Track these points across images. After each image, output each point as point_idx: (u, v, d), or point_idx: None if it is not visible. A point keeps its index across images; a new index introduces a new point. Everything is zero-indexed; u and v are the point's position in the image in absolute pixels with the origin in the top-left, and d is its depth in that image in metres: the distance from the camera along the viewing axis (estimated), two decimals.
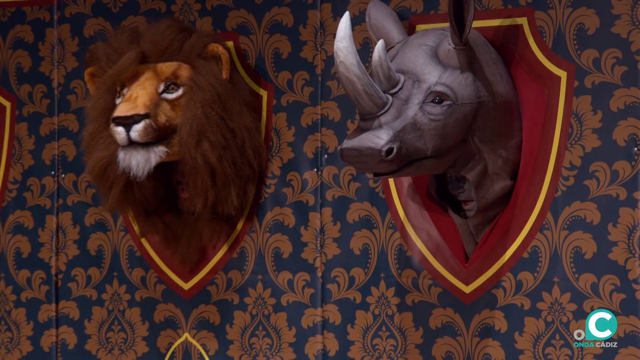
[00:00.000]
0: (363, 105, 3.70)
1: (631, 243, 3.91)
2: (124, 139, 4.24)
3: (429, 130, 3.78)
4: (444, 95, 3.78)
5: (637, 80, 3.92)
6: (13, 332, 4.92)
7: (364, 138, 3.71)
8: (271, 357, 4.50)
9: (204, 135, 4.30)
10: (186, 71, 4.36)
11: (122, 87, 4.37)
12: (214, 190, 4.37)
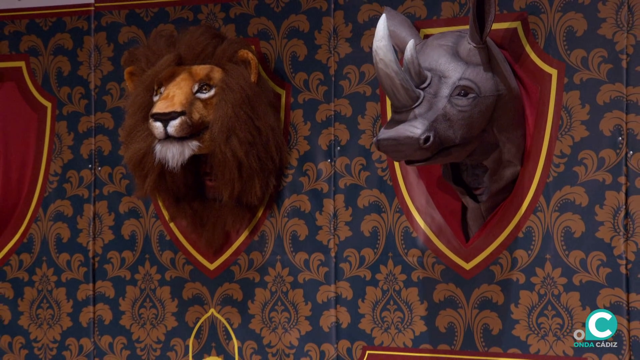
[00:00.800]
0: (399, 99, 3.68)
1: (616, 223, 3.91)
2: (161, 133, 4.23)
3: (458, 121, 3.77)
4: (468, 89, 3.78)
5: (622, 77, 3.93)
6: (54, 310, 4.90)
7: (402, 128, 3.68)
8: (289, 330, 4.48)
9: (233, 132, 4.29)
10: (218, 73, 4.35)
11: (159, 86, 4.36)
12: (240, 182, 4.36)
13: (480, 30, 3.77)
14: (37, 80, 4.99)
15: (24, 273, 4.97)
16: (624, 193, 3.91)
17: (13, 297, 4.98)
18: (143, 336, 4.74)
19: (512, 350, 4.08)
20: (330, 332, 4.40)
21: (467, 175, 4.09)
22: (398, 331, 4.29)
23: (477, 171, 4.04)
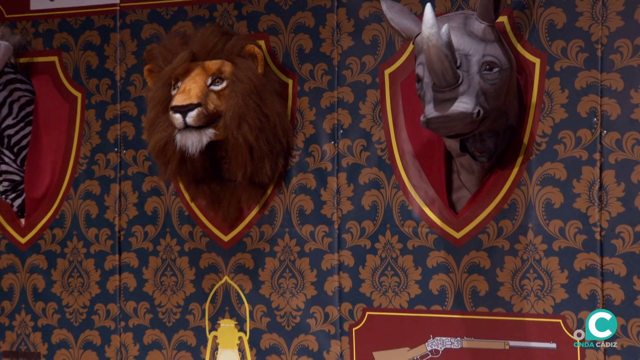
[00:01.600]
0: (447, 79, 3.61)
1: (591, 194, 3.93)
2: (181, 124, 4.24)
3: (490, 93, 3.74)
4: (493, 64, 3.75)
5: (597, 64, 3.95)
6: (84, 278, 4.89)
7: (454, 106, 3.63)
8: (296, 294, 4.48)
9: (244, 120, 4.28)
10: (228, 67, 4.35)
11: (176, 81, 4.36)
12: (252, 164, 4.36)
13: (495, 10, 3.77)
14: (69, 73, 4.98)
15: (57, 246, 4.96)
16: (599, 168, 3.93)
17: (47, 268, 4.97)
18: (164, 301, 4.73)
19: (497, 310, 4.09)
20: (334, 296, 4.39)
21: (473, 141, 4.02)
22: (395, 294, 4.29)
23: (484, 137, 3.99)
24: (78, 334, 4.88)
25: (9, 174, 4.97)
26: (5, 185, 4.98)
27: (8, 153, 4.94)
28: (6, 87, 4.88)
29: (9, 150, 4.94)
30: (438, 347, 4.20)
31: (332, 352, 4.39)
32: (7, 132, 4.91)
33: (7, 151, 4.94)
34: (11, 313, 5.04)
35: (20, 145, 4.96)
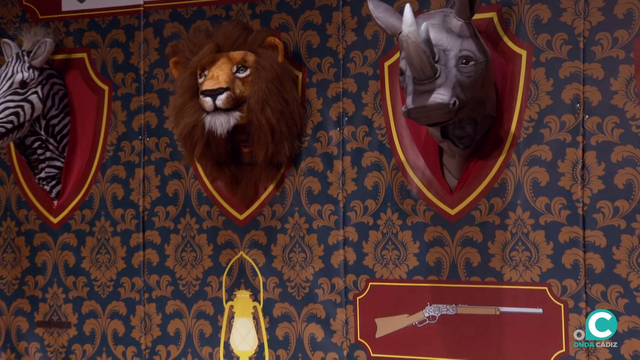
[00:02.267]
0: (426, 73, 3.60)
1: (575, 173, 3.94)
2: (211, 106, 4.24)
3: (466, 85, 3.74)
4: (469, 58, 3.74)
5: (579, 55, 3.96)
6: (111, 255, 4.90)
7: (432, 97, 3.63)
8: (305, 267, 4.49)
9: (267, 103, 4.29)
10: (251, 57, 4.35)
11: (202, 70, 4.36)
12: (273, 144, 4.36)
13: (470, 8, 3.77)
14: (97, 68, 4.99)
15: (86, 225, 4.97)
16: (581, 149, 3.94)
17: (77, 245, 4.98)
18: (185, 275, 4.74)
19: (488, 279, 4.10)
20: (340, 268, 4.40)
21: (453, 128, 4.01)
22: (395, 266, 4.30)
23: (463, 124, 3.98)
24: (105, 305, 4.89)
25: (53, 160, 4.97)
26: (48, 172, 4.98)
27: (52, 141, 4.94)
28: (48, 82, 4.90)
29: (53, 138, 4.94)
30: (435, 313, 4.20)
31: (338, 319, 4.39)
32: (52, 121, 4.92)
33: (52, 139, 4.93)
34: (44, 286, 5.04)
35: (62, 134, 4.97)
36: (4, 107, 4.69)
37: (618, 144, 3.88)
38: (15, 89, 4.75)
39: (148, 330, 4.78)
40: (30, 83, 4.78)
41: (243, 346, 4.61)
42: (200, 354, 4.66)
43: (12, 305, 5.09)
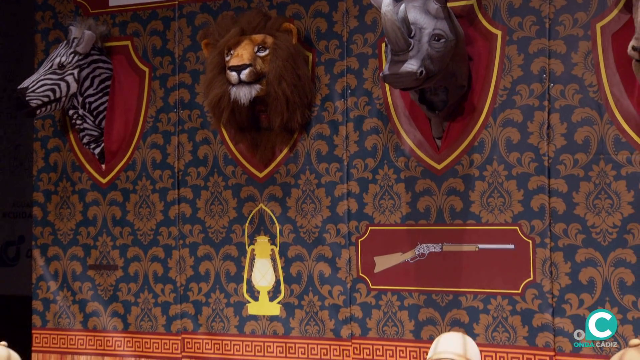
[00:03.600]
0: (400, 45, 3.64)
1: (542, 132, 3.96)
2: (236, 79, 4.24)
3: (436, 58, 3.74)
4: (440, 36, 3.76)
5: (545, 34, 3.97)
6: (151, 208, 4.87)
7: (403, 66, 3.66)
8: (315, 215, 4.47)
9: (283, 78, 4.29)
10: (270, 39, 4.35)
11: (229, 50, 4.35)
12: (287, 112, 4.35)
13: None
14: (139, 53, 4.97)
15: (130, 184, 4.96)
16: (547, 112, 3.95)
17: (122, 201, 4.97)
18: (213, 224, 4.73)
19: (469, 221, 4.11)
20: (344, 216, 4.40)
21: (429, 95, 4.02)
22: (391, 213, 4.30)
23: (437, 91, 3.99)
24: (147, 250, 4.88)
25: (89, 131, 4.96)
26: (87, 139, 4.98)
27: (89, 115, 4.92)
28: (90, 66, 4.88)
29: (89, 113, 4.92)
30: (424, 251, 4.21)
31: (343, 258, 4.39)
32: (88, 99, 4.89)
33: (88, 114, 4.92)
34: (95, 236, 5.04)
35: (98, 110, 4.94)
36: (42, 83, 4.74)
37: (578, 106, 3.90)
38: (54, 69, 4.77)
39: (182, 271, 4.77)
40: (67, 66, 4.79)
41: (262, 282, 4.61)
42: (227, 290, 4.66)
43: (67, 252, 5.07)
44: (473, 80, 4.09)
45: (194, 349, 4.70)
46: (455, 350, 3.02)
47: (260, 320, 4.57)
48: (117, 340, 4.89)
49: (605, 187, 3.84)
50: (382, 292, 4.30)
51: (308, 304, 4.47)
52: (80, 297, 5.00)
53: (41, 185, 5.21)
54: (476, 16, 4.10)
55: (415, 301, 4.22)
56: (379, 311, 4.29)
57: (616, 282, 3.77)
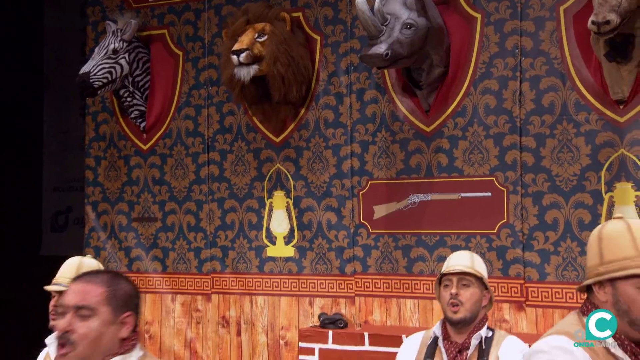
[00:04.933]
0: (371, 31, 3.70)
1: (514, 98, 4.00)
2: (236, 61, 4.25)
3: (406, 43, 3.75)
4: (411, 25, 3.77)
5: (518, 16, 4.00)
6: (185, 169, 4.87)
7: (373, 49, 3.71)
8: (323, 173, 4.47)
9: (277, 59, 4.27)
10: (269, 27, 4.34)
11: (237, 36, 4.36)
12: (284, 88, 4.33)
13: None
14: (174, 40, 4.98)
15: (167, 150, 4.96)
16: (519, 81, 3.98)
17: (160, 164, 4.96)
18: (237, 182, 4.73)
19: (454, 174, 4.14)
20: (348, 172, 4.41)
21: (415, 74, 4.06)
22: (387, 169, 4.31)
23: (419, 71, 4.02)
24: (181, 205, 4.86)
25: (138, 106, 4.97)
26: (136, 113, 5.00)
27: (137, 92, 4.94)
28: (135, 51, 4.90)
29: (138, 90, 4.94)
30: (415, 200, 4.22)
31: (347, 208, 4.40)
32: (137, 79, 4.92)
33: (137, 91, 4.94)
34: (138, 193, 5.01)
35: (144, 87, 4.96)
36: (100, 67, 4.75)
37: (544, 76, 3.93)
38: (109, 55, 4.78)
39: (212, 221, 4.79)
40: (120, 51, 4.80)
41: (279, 229, 4.62)
42: (249, 236, 4.68)
43: (115, 207, 5.09)
44: (456, 56, 4.10)
45: (221, 286, 4.72)
46: (465, 263, 3.04)
47: (277, 261, 4.60)
48: (157, 280, 4.92)
49: (567, 143, 3.88)
50: (380, 235, 4.32)
51: (317, 247, 4.49)
52: (126, 244, 5.02)
53: (92, 152, 5.22)
54: (459, 3, 4.12)
55: (408, 242, 4.24)
56: (378, 251, 4.32)
57: (576, 221, 3.84)
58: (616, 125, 3.77)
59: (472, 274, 2.99)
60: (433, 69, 4.04)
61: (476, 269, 3.00)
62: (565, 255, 3.86)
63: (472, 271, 2.99)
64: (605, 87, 3.75)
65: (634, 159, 3.74)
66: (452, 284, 2.99)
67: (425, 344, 2.99)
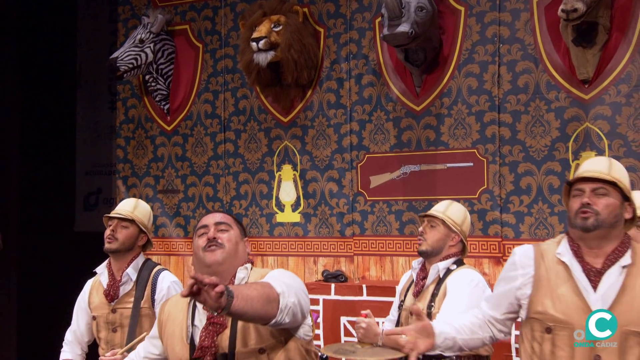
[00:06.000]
0: (396, 13, 3.71)
1: (494, 79, 4.06)
2: (255, 48, 4.31)
3: (420, 24, 3.80)
4: (423, 7, 3.83)
5: (496, 8, 4.06)
6: (203, 147, 4.94)
7: (399, 28, 3.71)
8: (325, 148, 4.53)
9: (291, 46, 4.34)
10: (283, 18, 4.40)
11: (255, 27, 4.41)
12: (296, 71, 4.39)
13: None
14: (195, 34, 5.04)
15: (188, 130, 5.02)
16: (497, 65, 4.05)
17: (182, 142, 5.04)
18: (250, 157, 4.79)
19: (440, 148, 4.20)
20: (348, 147, 4.47)
21: (412, 54, 4.07)
22: (382, 144, 4.37)
23: (418, 51, 4.05)
24: (201, 178, 4.92)
25: (161, 91, 5.05)
26: (159, 97, 5.07)
27: (161, 78, 5.02)
28: (161, 42, 4.97)
29: (161, 77, 5.02)
30: (407, 170, 4.29)
31: (347, 179, 4.47)
32: (160, 66, 5.00)
33: (160, 77, 5.02)
34: (163, 169, 5.12)
35: (167, 75, 5.04)
36: (127, 54, 4.85)
37: (520, 60, 4.00)
38: (136, 44, 4.88)
39: (227, 192, 4.85)
40: (146, 41, 4.89)
41: (287, 198, 4.68)
42: (260, 204, 4.75)
43: (142, 181, 5.16)
44: (443, 44, 4.18)
45: None
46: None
47: (286, 226, 4.66)
48: (179, 244, 5.00)
49: (539, 118, 3.95)
50: (375, 202, 4.39)
51: (321, 213, 4.56)
52: (153, 213, 5.03)
53: (122, 133, 5.30)
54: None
55: (400, 207, 4.31)
56: (373, 215, 4.39)
57: (547, 186, 3.93)
58: (582, 102, 3.85)
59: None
60: (431, 49, 4.10)
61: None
62: (537, 216, 3.94)
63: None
64: (573, 69, 3.83)
65: (597, 131, 3.83)
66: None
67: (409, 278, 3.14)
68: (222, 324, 2.15)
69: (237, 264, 2.26)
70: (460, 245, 3.06)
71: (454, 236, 3.04)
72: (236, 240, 2.27)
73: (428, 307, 2.89)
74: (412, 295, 3.02)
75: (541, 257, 2.22)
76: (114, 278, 3.18)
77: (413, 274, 3.09)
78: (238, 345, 2.12)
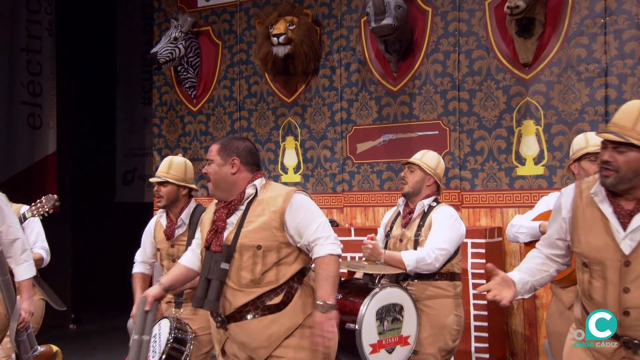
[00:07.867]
0: (382, 9, 3.82)
1: (454, 65, 4.17)
2: (276, 42, 4.44)
3: (399, 19, 3.91)
4: (400, 5, 3.96)
5: (457, 9, 4.20)
6: (223, 124, 5.08)
7: (383, 21, 3.79)
8: (321, 122, 4.66)
9: (303, 41, 4.47)
10: (296, 19, 4.53)
11: (271, 25, 4.54)
12: (306, 61, 4.53)
13: None
14: (215, 33, 5.18)
15: (210, 110, 5.18)
16: (457, 54, 4.17)
17: (206, 120, 5.19)
18: (260, 131, 4.94)
19: (412, 120, 4.35)
20: (339, 121, 4.61)
21: (389, 45, 4.19)
22: (366, 118, 4.52)
23: (395, 41, 4.14)
24: None
25: (190, 79, 5.21)
26: (189, 84, 5.22)
27: (190, 69, 5.17)
28: (189, 40, 5.14)
29: (190, 67, 5.17)
30: (385, 139, 4.43)
31: (338, 146, 4.62)
32: (190, 59, 5.15)
33: (190, 68, 5.17)
34: (190, 141, 5.27)
35: (195, 66, 5.19)
36: (165, 48, 5.01)
37: (475, 49, 4.14)
38: (171, 41, 5.04)
39: None
40: (179, 39, 5.06)
41: (290, 163, 4.84)
42: (268, 168, 4.90)
43: (173, 152, 5.20)
44: (415, 37, 4.33)
45: None
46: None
47: (289, 185, 4.76)
48: (204, 202, 5.14)
49: (490, 95, 4.12)
50: (361, 164, 4.54)
51: (317, 174, 4.72)
52: None
53: (157, 114, 5.44)
54: (416, 0, 4.36)
55: (381, 168, 4.47)
56: (359, 175, 4.55)
57: (496, 148, 4.12)
58: (523, 81, 4.02)
59: None
60: (406, 41, 4.21)
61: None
62: (488, 172, 4.11)
63: None
64: (516, 55, 4.00)
65: (535, 104, 4.01)
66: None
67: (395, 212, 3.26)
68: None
69: (232, 182, 2.28)
70: (435, 186, 3.08)
71: (429, 178, 3.06)
72: (216, 170, 2.29)
73: (415, 235, 2.95)
74: (400, 227, 3.05)
75: (580, 197, 2.00)
76: (171, 221, 3.25)
77: (400, 209, 3.10)
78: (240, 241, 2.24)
